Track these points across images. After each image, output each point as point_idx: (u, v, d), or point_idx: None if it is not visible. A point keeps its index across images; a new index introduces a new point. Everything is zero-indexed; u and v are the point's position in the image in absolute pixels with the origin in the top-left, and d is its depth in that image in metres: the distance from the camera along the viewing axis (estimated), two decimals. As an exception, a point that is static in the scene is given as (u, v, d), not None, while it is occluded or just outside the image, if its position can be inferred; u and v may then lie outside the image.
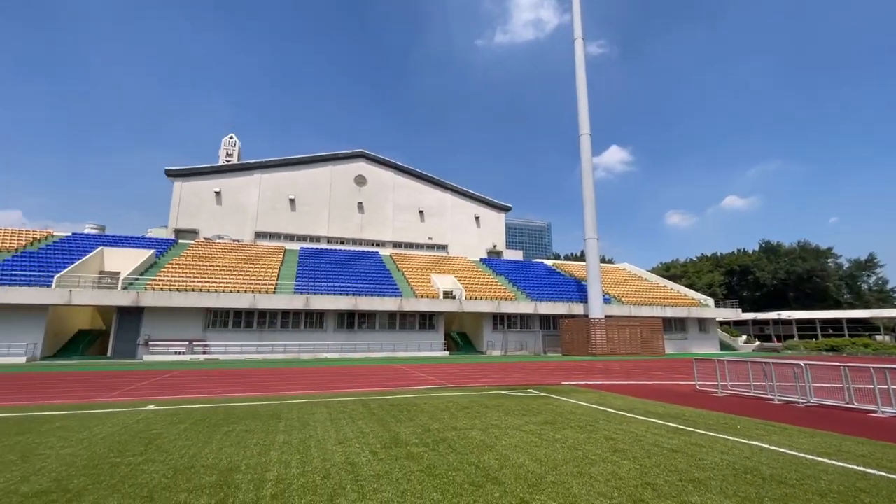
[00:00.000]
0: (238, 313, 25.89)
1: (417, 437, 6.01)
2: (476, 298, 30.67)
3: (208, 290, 24.81)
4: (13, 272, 23.34)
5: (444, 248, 48.15)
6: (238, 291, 25.40)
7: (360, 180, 46.82)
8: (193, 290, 24.52)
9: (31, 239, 29.64)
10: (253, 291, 25.73)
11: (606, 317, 31.44)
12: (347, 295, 27.60)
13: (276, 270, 30.34)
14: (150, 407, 8.36)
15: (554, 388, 11.53)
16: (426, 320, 30.09)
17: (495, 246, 50.21)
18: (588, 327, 30.34)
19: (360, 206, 46.07)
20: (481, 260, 43.24)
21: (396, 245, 46.21)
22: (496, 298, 31.34)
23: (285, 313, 26.82)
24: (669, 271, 69.98)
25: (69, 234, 32.38)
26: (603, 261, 60.46)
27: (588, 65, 37.25)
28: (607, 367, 19.38)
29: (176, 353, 23.76)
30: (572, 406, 8.69)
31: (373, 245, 45.22)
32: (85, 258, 25.66)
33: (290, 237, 43.07)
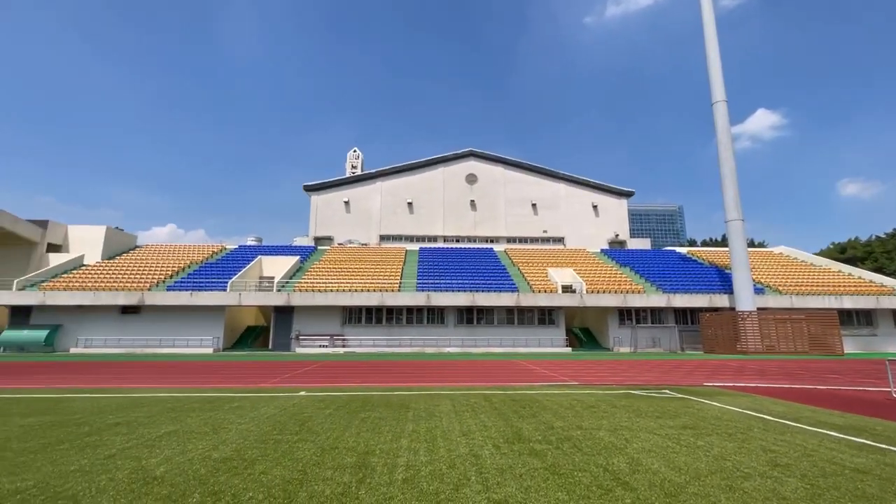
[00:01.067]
0: (369, 310, 28.39)
1: (540, 433, 5.89)
2: (598, 292, 29.01)
3: (343, 290, 27.68)
4: (200, 280, 28.93)
5: (560, 240, 46.54)
6: (368, 290, 27.84)
7: (472, 178, 47.66)
8: (331, 291, 27.58)
9: (211, 252, 36.35)
10: (380, 290, 27.96)
11: (759, 309, 27.14)
12: (465, 291, 28.33)
13: (400, 270, 32.52)
14: (302, 393, 9.62)
15: (694, 390, 10.33)
16: (545, 315, 29.41)
17: (617, 235, 46.87)
18: (735, 322, 26.54)
19: (473, 203, 46.91)
20: (602, 251, 40.76)
21: (510, 240, 46.03)
22: (621, 291, 29.25)
23: (409, 310, 28.61)
24: (846, 253, 57.69)
25: (236, 246, 38.94)
26: (752, 245, 52.35)
27: (721, 21, 32.64)
28: (763, 368, 16.71)
29: (320, 346, 26.99)
30: (718, 410, 7.68)
31: (487, 241, 45.72)
32: (248, 266, 30.61)
33: (410, 238, 45.78)
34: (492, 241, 45.75)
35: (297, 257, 33.96)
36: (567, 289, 30.18)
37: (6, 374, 13.67)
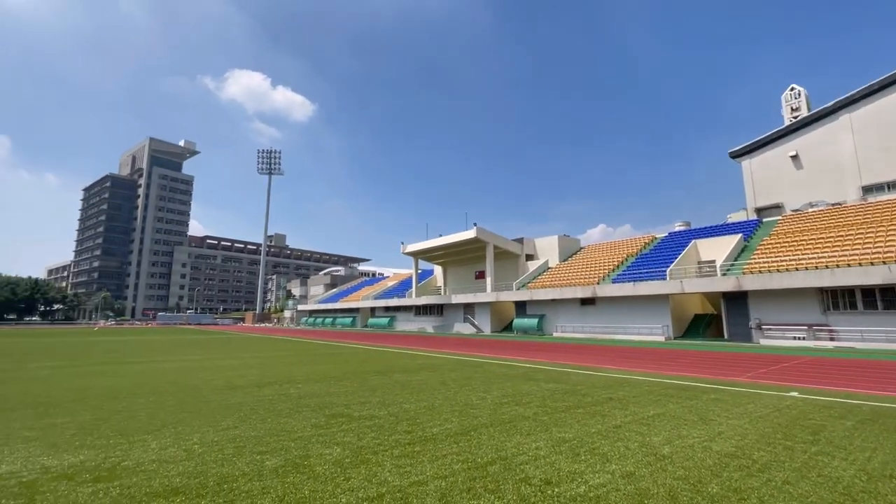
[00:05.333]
0: (865, 291, 20.66)
1: None
2: None
3: (815, 268, 21.55)
4: (639, 271, 30.36)
5: None
6: (860, 265, 20.38)
7: None
8: (797, 269, 22.10)
9: (642, 244, 37.58)
10: (884, 262, 19.81)
11: None
12: None
13: (914, 230, 22.00)
14: (794, 394, 7.94)
15: None
16: None
17: None
18: None
19: None
20: None
21: None
22: None
23: (950, 287, 18.60)
24: None
25: (665, 234, 38.43)
26: None
27: None
28: None
29: (795, 338, 21.99)
30: None
31: None
32: (683, 252, 29.40)
33: (924, 180, 30.34)
34: None
35: (739, 235, 29.53)
36: None
37: (519, 349, 19.11)
